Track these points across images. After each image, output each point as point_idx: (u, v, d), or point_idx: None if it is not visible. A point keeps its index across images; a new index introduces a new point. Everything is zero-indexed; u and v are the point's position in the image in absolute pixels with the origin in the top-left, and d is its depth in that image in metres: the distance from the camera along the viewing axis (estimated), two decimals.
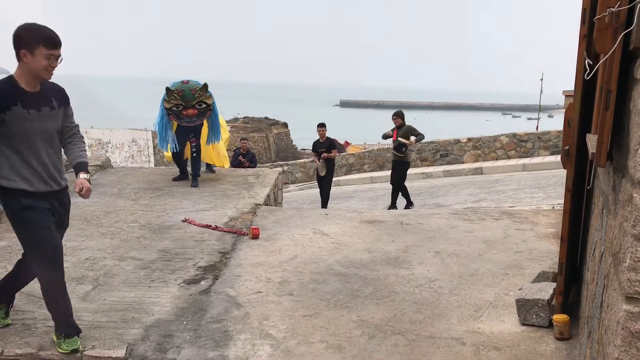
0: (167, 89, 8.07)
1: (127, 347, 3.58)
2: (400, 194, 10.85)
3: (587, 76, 2.06)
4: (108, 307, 4.19)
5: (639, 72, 1.85)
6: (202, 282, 4.75)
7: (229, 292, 4.55)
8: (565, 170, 3.57)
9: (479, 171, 15.46)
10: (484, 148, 16.73)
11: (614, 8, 1.99)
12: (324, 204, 11.40)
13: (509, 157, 16.55)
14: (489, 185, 12.93)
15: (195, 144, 8.54)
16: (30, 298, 4.27)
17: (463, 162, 16.87)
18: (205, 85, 8.23)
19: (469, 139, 16.99)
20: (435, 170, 16.01)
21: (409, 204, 10.75)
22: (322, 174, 11.16)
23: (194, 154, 8.59)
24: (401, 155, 10.57)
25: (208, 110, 8.33)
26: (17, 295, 4.28)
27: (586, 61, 2.05)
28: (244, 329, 3.92)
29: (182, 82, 8.17)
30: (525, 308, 3.90)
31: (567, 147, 3.51)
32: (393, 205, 10.88)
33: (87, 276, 4.78)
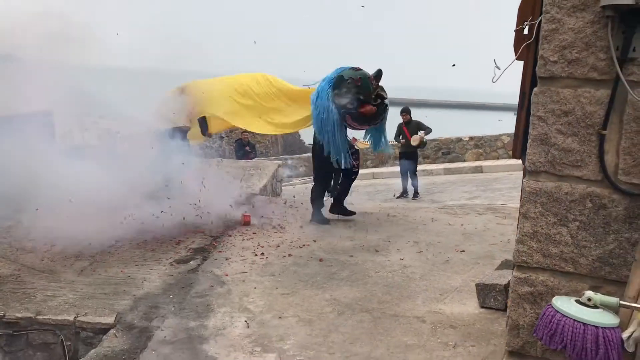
0: (340, 77, 6.00)
1: (116, 315, 3.94)
2: (410, 182, 11.73)
3: (494, 81, 2.38)
4: (102, 281, 4.56)
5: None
6: (192, 262, 5.11)
7: (215, 272, 4.91)
8: None
9: (479, 169, 15.70)
10: (486, 147, 16.96)
11: (528, 22, 2.31)
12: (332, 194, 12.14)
13: (510, 157, 16.78)
14: (486, 184, 13.19)
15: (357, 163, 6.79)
16: (31, 271, 4.66)
17: (464, 161, 17.11)
18: (380, 73, 6.20)
19: (471, 138, 17.23)
20: (436, 167, 16.28)
21: (417, 194, 11.59)
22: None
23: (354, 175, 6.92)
24: (415, 147, 11.46)
25: (386, 109, 6.33)
26: (20, 267, 4.70)
27: (495, 67, 2.37)
28: (225, 303, 4.27)
29: (353, 68, 6.15)
30: (484, 292, 4.21)
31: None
32: (405, 193, 11.85)
33: (85, 254, 5.16)
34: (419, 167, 15.65)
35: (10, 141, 6.27)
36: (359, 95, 5.93)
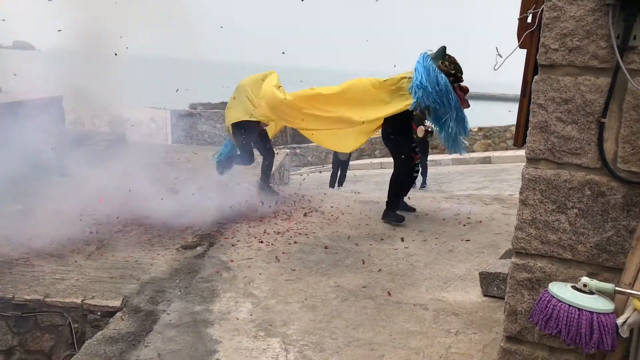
0: (444, 48, 5.75)
1: (122, 298, 4.00)
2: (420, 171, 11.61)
3: (496, 69, 2.39)
4: (109, 265, 4.63)
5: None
6: (198, 248, 5.17)
7: (221, 257, 4.96)
8: None
9: (487, 160, 15.67)
10: (494, 138, 16.91)
11: (531, 10, 2.32)
12: (341, 183, 12.08)
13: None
14: (494, 174, 13.18)
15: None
16: (40, 254, 4.73)
17: (473, 151, 17.07)
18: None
19: (480, 129, 17.18)
20: (444, 158, 16.26)
21: (424, 183, 11.61)
22: (345, 158, 11.77)
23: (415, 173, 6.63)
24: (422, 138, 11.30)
25: None
26: (29, 251, 4.78)
27: (496, 55, 2.38)
28: (230, 288, 4.33)
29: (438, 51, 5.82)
30: (487, 280, 4.24)
31: None
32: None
33: (93, 238, 5.23)
34: (428, 158, 15.68)
35: (19, 126, 6.35)
36: (457, 73, 5.74)
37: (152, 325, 3.71)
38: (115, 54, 6.81)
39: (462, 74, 5.79)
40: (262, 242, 5.40)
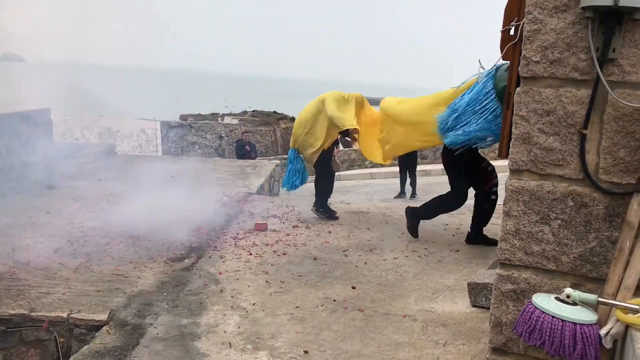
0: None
1: (109, 312, 3.97)
2: (409, 182, 11.80)
3: (479, 81, 2.41)
4: (96, 279, 4.59)
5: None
6: (186, 261, 5.14)
7: (209, 270, 4.94)
8: None
9: None
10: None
11: (513, 23, 2.35)
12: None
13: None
14: None
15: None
16: (26, 268, 4.69)
17: None
18: None
19: None
20: (434, 168, 16.30)
21: (414, 193, 11.60)
22: (337, 170, 11.57)
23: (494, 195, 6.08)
24: None
25: None
26: (15, 264, 4.74)
27: (479, 67, 2.41)
28: (218, 301, 4.30)
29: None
30: (475, 291, 4.24)
31: None
32: (402, 193, 11.90)
33: (80, 251, 5.19)
34: (417, 168, 15.67)
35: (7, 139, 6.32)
36: None
37: (139, 339, 3.68)
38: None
39: None
40: (250, 254, 5.38)
